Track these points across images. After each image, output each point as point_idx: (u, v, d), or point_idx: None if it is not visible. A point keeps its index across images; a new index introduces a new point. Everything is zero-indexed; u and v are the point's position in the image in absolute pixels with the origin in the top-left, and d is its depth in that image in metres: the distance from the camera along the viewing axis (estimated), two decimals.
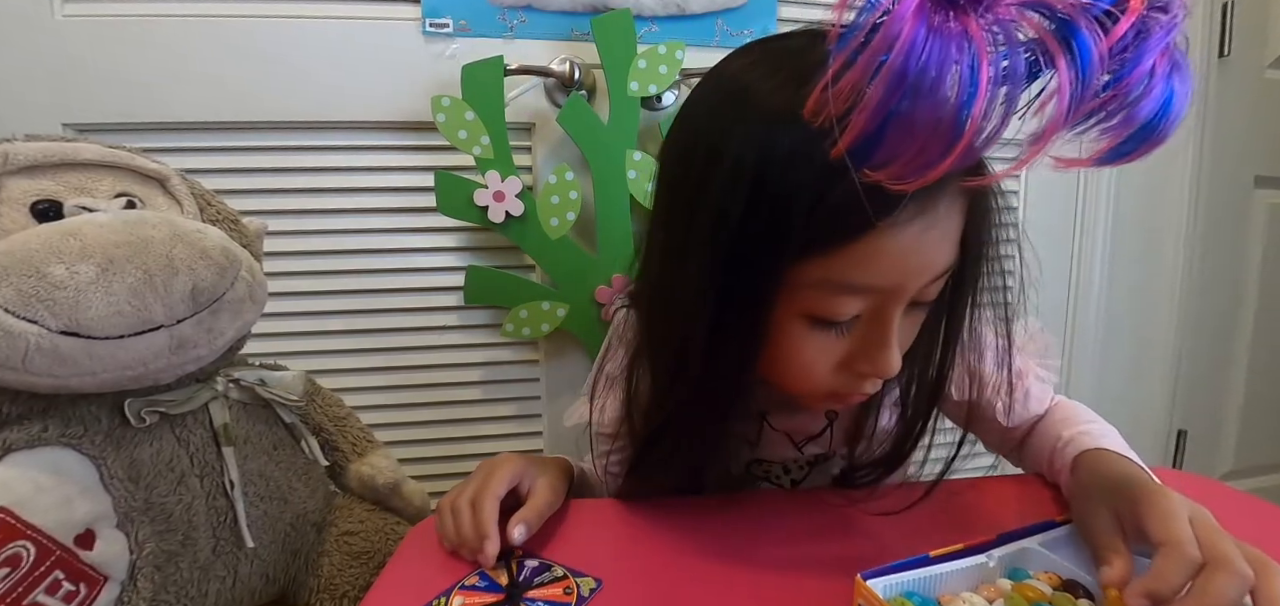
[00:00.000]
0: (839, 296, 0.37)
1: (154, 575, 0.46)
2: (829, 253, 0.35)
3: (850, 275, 0.36)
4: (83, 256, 0.40)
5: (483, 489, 0.47)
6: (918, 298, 0.39)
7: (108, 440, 0.45)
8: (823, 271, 0.36)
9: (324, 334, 0.91)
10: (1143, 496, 0.37)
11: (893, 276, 0.37)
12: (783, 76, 0.36)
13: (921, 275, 0.37)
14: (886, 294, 0.38)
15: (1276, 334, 1.33)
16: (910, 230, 0.35)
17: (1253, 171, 1.26)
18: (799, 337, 0.40)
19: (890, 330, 0.39)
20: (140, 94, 0.81)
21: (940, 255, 0.38)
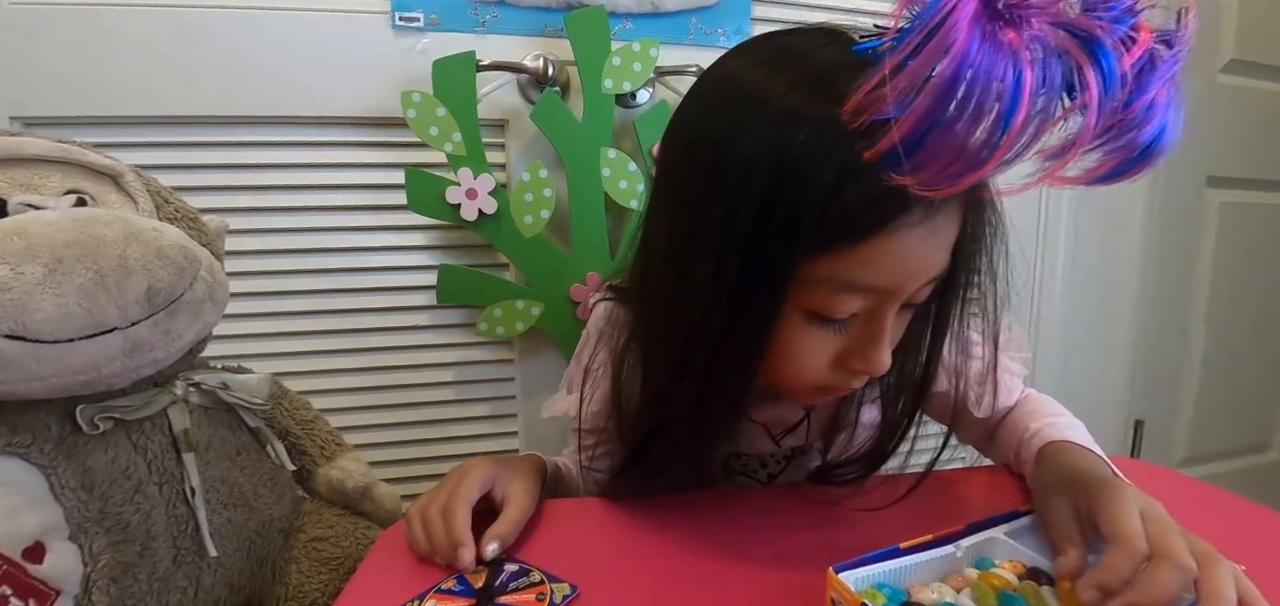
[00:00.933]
0: (842, 295, 0.38)
1: (110, 587, 0.44)
2: (837, 251, 0.36)
3: (856, 274, 0.37)
4: (28, 256, 0.39)
5: (453, 496, 0.46)
6: (911, 299, 0.41)
7: (58, 448, 0.43)
8: (829, 269, 0.37)
9: (290, 335, 0.88)
10: (1097, 490, 0.38)
11: (894, 277, 0.38)
12: (794, 76, 0.36)
13: (919, 278, 0.39)
14: (886, 294, 0.39)
15: (1228, 327, 1.39)
16: (916, 233, 0.36)
17: (1205, 172, 1.31)
18: (798, 334, 0.41)
19: (884, 329, 0.40)
20: (93, 86, 0.77)
21: (938, 260, 0.39)
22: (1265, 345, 1.46)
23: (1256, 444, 1.51)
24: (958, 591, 0.36)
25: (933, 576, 0.38)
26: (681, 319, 0.41)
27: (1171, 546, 0.33)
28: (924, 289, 0.41)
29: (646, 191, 0.89)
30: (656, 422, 0.47)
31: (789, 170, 0.35)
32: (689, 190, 0.40)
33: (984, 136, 0.27)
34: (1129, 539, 0.34)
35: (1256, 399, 1.48)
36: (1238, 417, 1.46)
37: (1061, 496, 0.41)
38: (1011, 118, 0.26)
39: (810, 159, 0.34)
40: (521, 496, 0.49)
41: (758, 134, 0.36)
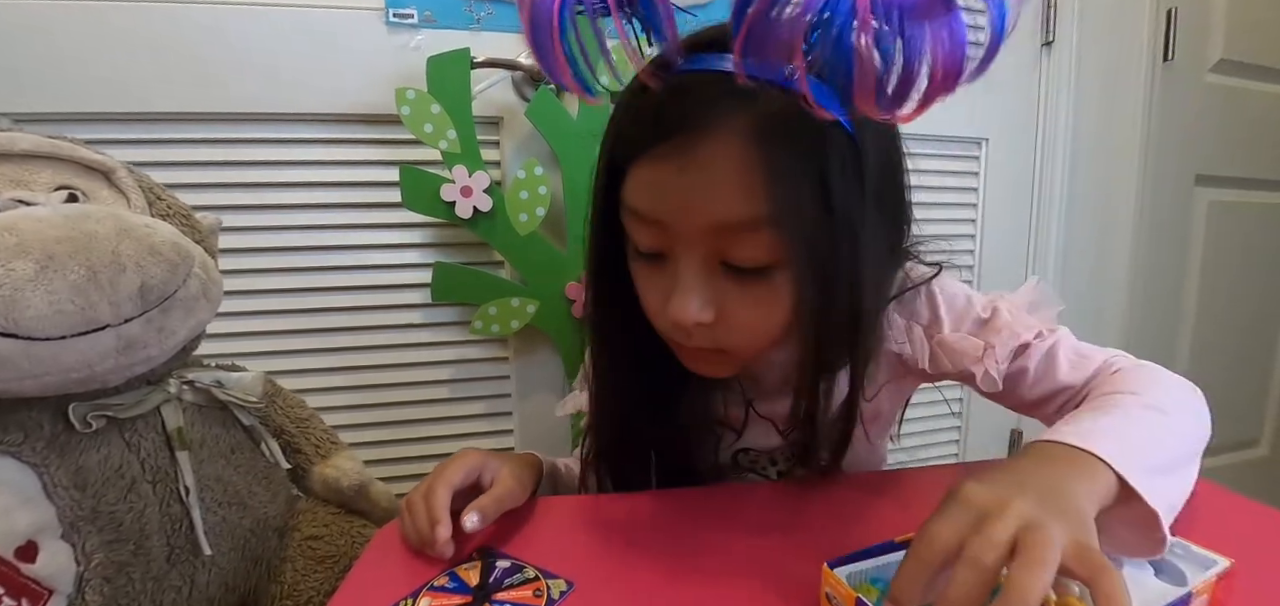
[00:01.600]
0: (631, 221, 0.43)
1: (103, 587, 0.44)
2: (622, 179, 0.42)
3: (630, 199, 0.42)
4: (19, 253, 0.38)
5: (436, 478, 0.47)
6: (724, 256, 0.41)
7: (50, 447, 0.43)
8: (625, 193, 0.42)
9: (285, 333, 0.88)
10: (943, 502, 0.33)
11: (656, 209, 0.41)
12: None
13: (685, 217, 0.40)
14: (663, 229, 0.41)
15: (1217, 325, 1.41)
16: (667, 167, 0.39)
17: (1194, 170, 1.32)
18: (635, 267, 0.45)
19: (680, 272, 0.41)
20: (84, 82, 0.77)
21: (707, 204, 0.39)
22: (1254, 342, 1.47)
23: (1245, 440, 1.53)
24: None
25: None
26: (588, 277, 0.49)
27: (970, 548, 0.28)
28: (729, 243, 0.40)
29: None
30: (602, 396, 0.52)
31: (612, 116, 0.43)
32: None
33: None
34: (916, 551, 0.30)
35: (1245, 395, 1.50)
36: (1226, 414, 1.46)
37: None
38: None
39: (618, 104, 0.43)
40: (508, 480, 0.49)
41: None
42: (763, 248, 0.40)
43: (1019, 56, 1.15)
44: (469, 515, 0.44)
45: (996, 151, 1.16)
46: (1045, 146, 1.18)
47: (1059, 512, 0.30)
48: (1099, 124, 1.21)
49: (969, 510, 0.30)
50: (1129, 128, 1.23)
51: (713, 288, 0.42)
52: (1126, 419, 0.40)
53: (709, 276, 0.41)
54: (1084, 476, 0.34)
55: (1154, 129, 1.24)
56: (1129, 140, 1.23)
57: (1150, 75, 1.21)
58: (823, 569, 0.36)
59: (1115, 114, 1.22)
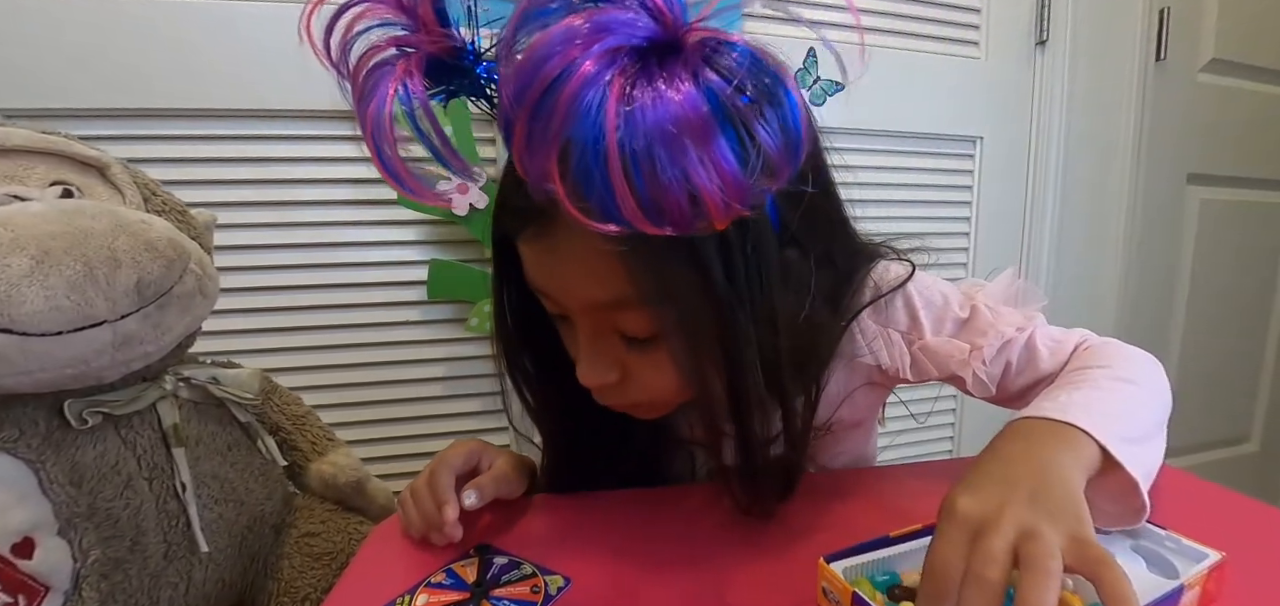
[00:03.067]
0: (536, 289, 0.42)
1: (100, 583, 0.44)
2: (513, 249, 0.41)
3: (526, 271, 0.41)
4: (15, 248, 0.38)
5: (437, 463, 0.47)
6: (617, 328, 0.40)
7: (46, 443, 0.43)
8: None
9: (281, 331, 0.88)
10: (938, 523, 0.32)
11: (540, 281, 0.41)
12: None
13: (568, 297, 0.40)
14: (553, 300, 0.41)
15: (1208, 322, 1.42)
16: (536, 249, 0.39)
17: (1186, 169, 1.33)
18: (560, 329, 0.45)
19: (582, 343, 0.41)
20: (79, 78, 0.76)
21: (580, 285, 0.39)
22: (1244, 339, 1.49)
23: (1236, 436, 1.55)
24: None
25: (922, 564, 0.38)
26: (505, 341, 0.50)
27: (972, 561, 0.28)
28: (619, 317, 0.39)
29: None
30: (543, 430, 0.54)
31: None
32: None
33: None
34: (927, 581, 0.29)
35: (1236, 392, 1.51)
36: (1217, 410, 1.49)
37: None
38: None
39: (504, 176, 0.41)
40: (505, 466, 0.49)
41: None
42: (642, 321, 0.39)
43: (1013, 55, 1.15)
44: (468, 493, 0.45)
45: (990, 150, 1.16)
46: (1039, 145, 1.19)
47: (1053, 509, 0.30)
48: (1092, 123, 1.22)
49: (964, 527, 0.30)
50: (1121, 126, 1.24)
51: (611, 353, 0.41)
52: (1100, 391, 0.41)
53: (605, 343, 0.41)
54: (1069, 448, 0.34)
55: (1146, 128, 1.25)
56: (1121, 139, 1.24)
57: (1143, 74, 1.22)
58: (819, 563, 0.36)
59: (1108, 113, 1.23)
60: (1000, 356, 0.49)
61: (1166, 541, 0.38)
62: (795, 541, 0.44)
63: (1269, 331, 1.51)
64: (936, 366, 0.49)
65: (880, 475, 0.57)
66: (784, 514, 0.49)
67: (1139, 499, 0.36)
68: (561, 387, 0.47)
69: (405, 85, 0.32)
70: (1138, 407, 0.41)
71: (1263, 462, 1.57)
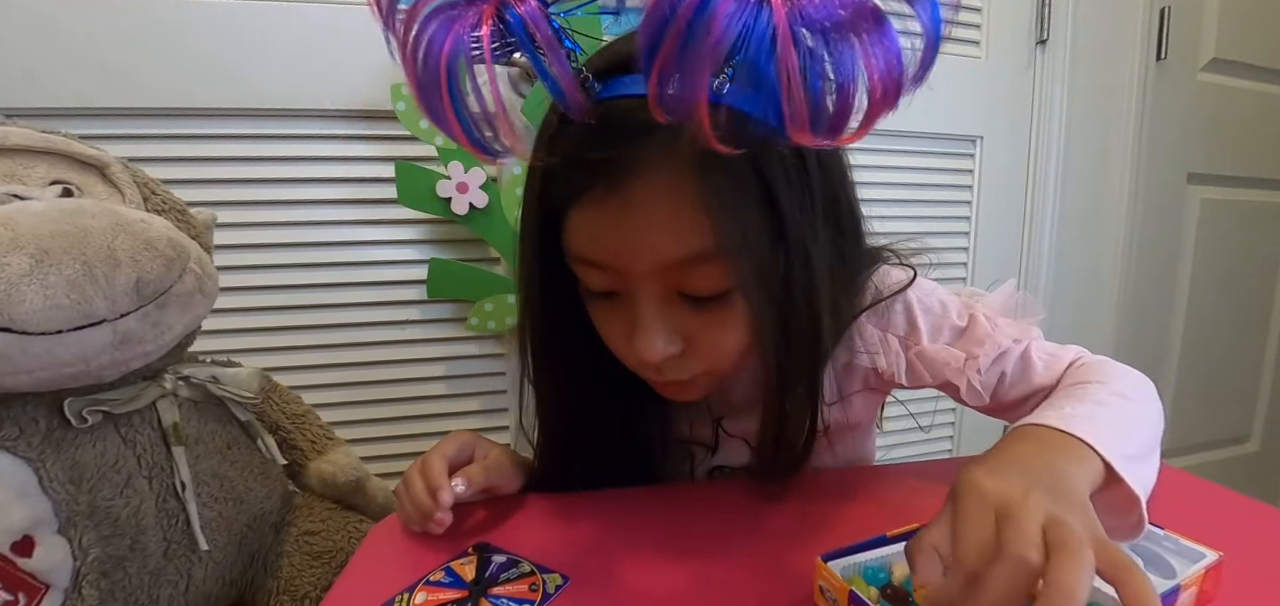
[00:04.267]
0: (579, 266, 0.41)
1: (100, 581, 0.44)
2: (561, 226, 0.40)
3: (573, 246, 0.40)
4: (14, 247, 0.38)
5: (431, 453, 0.47)
6: (682, 288, 0.39)
7: (46, 441, 0.43)
8: (566, 241, 0.40)
9: (280, 330, 0.88)
10: (954, 505, 0.31)
11: (602, 254, 0.39)
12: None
13: (638, 257, 0.38)
14: (614, 272, 0.39)
15: (1208, 321, 1.42)
16: (606, 208, 0.37)
17: (1186, 168, 1.33)
18: (591, 308, 0.43)
19: (639, 312, 0.39)
20: (79, 77, 0.76)
21: (657, 241, 0.37)
22: (1244, 339, 1.49)
23: (1236, 436, 1.55)
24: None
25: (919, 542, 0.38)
26: (529, 322, 0.47)
27: (1007, 538, 0.27)
28: (684, 275, 0.38)
29: None
30: (545, 424, 0.51)
31: (535, 165, 0.40)
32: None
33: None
34: (963, 557, 0.28)
35: (1236, 392, 1.51)
36: (1217, 410, 1.49)
37: (946, 501, 0.33)
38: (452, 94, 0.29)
39: (539, 150, 0.39)
40: (499, 455, 0.50)
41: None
42: (716, 276, 0.38)
43: (1013, 55, 1.15)
44: (457, 481, 0.45)
45: (991, 149, 1.16)
46: (1039, 144, 1.19)
47: (1072, 506, 0.29)
48: (1092, 122, 1.22)
49: (987, 505, 0.29)
50: (1122, 126, 1.24)
51: (674, 319, 0.40)
52: (1102, 406, 0.41)
53: (669, 309, 0.40)
54: (1075, 459, 0.34)
55: (1147, 127, 1.25)
56: (1122, 138, 1.24)
57: (1143, 74, 1.22)
58: (817, 562, 0.36)
59: (1108, 112, 1.23)
60: (995, 366, 0.50)
61: (1164, 541, 0.38)
62: (793, 540, 0.44)
63: (1269, 331, 1.51)
64: (931, 373, 0.49)
65: (877, 474, 0.57)
66: (782, 512, 0.49)
67: (1138, 513, 0.35)
68: (580, 382, 0.47)
69: (470, 35, 0.30)
70: (1137, 424, 0.41)
71: (1263, 462, 1.57)
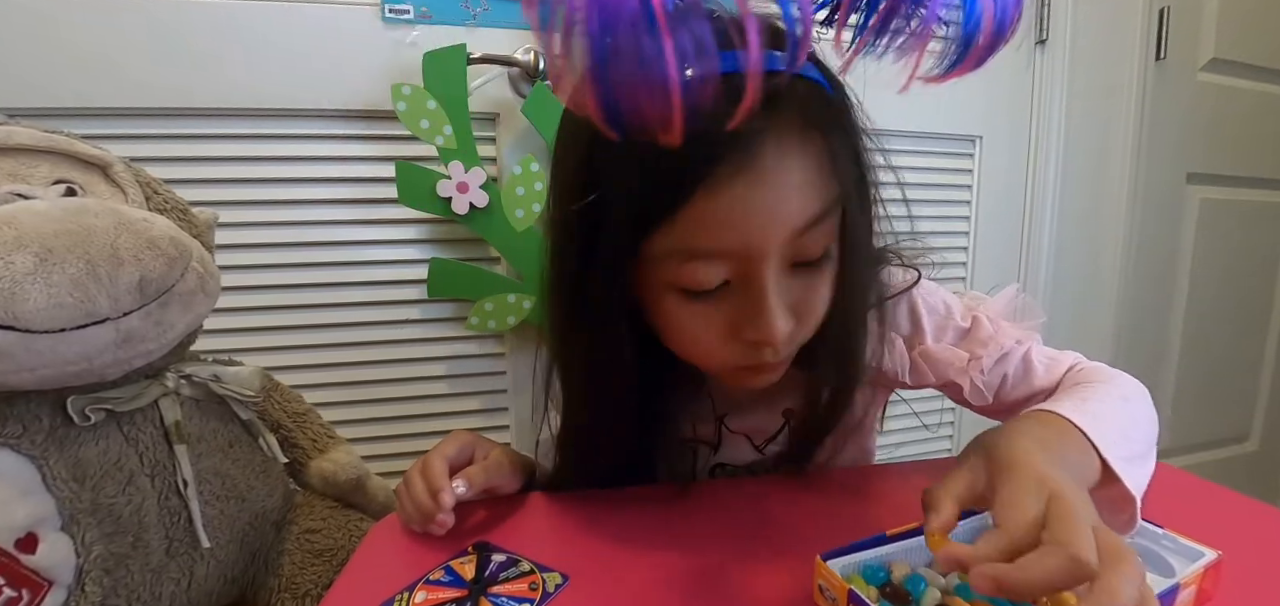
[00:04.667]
0: (693, 263, 0.37)
1: (103, 578, 0.44)
2: (665, 224, 0.36)
3: (691, 242, 0.36)
4: (18, 246, 0.38)
5: (431, 454, 0.47)
6: (798, 256, 0.38)
7: (49, 439, 0.43)
8: (667, 243, 0.37)
9: (282, 329, 0.88)
10: (1003, 469, 0.33)
11: (732, 238, 0.36)
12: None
13: (768, 233, 0.36)
14: (740, 255, 0.37)
15: (1207, 321, 1.42)
16: (735, 188, 0.35)
17: (1186, 168, 1.33)
18: (678, 311, 0.40)
19: (764, 292, 0.38)
20: (81, 77, 0.76)
21: (787, 209, 0.36)
22: (1243, 338, 1.49)
23: (1235, 435, 1.55)
24: (944, 576, 0.37)
25: (919, 561, 0.39)
26: (557, 326, 0.45)
27: (1067, 533, 0.27)
28: (804, 241, 0.38)
29: None
30: (573, 428, 0.50)
31: (604, 159, 0.36)
32: (550, 209, 0.43)
33: (654, 79, 0.25)
34: (1013, 528, 0.29)
35: (1235, 391, 1.51)
36: (1217, 409, 1.49)
37: (972, 462, 0.36)
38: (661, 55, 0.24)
39: (614, 150, 0.33)
40: (499, 455, 0.50)
41: (582, 136, 0.37)
42: (826, 235, 0.39)
43: (1013, 54, 1.15)
44: (458, 482, 0.45)
45: (990, 149, 1.16)
46: (1039, 144, 1.19)
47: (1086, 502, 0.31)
48: (1092, 121, 1.22)
49: (1044, 489, 0.30)
50: (1121, 125, 1.24)
51: (787, 293, 0.39)
52: (1104, 404, 0.41)
53: (783, 284, 0.39)
54: (1077, 449, 0.36)
55: (1146, 127, 1.25)
56: (1121, 138, 1.24)
57: (1143, 73, 1.22)
58: (816, 560, 0.37)
59: (1108, 112, 1.23)
60: (998, 367, 0.50)
61: (1163, 540, 0.38)
62: (792, 539, 0.44)
63: (1268, 330, 1.51)
64: (935, 373, 0.50)
65: (877, 474, 0.57)
66: (781, 511, 0.49)
67: (1131, 511, 0.36)
68: (619, 394, 0.45)
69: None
70: (1134, 426, 0.42)
71: (1262, 461, 1.57)
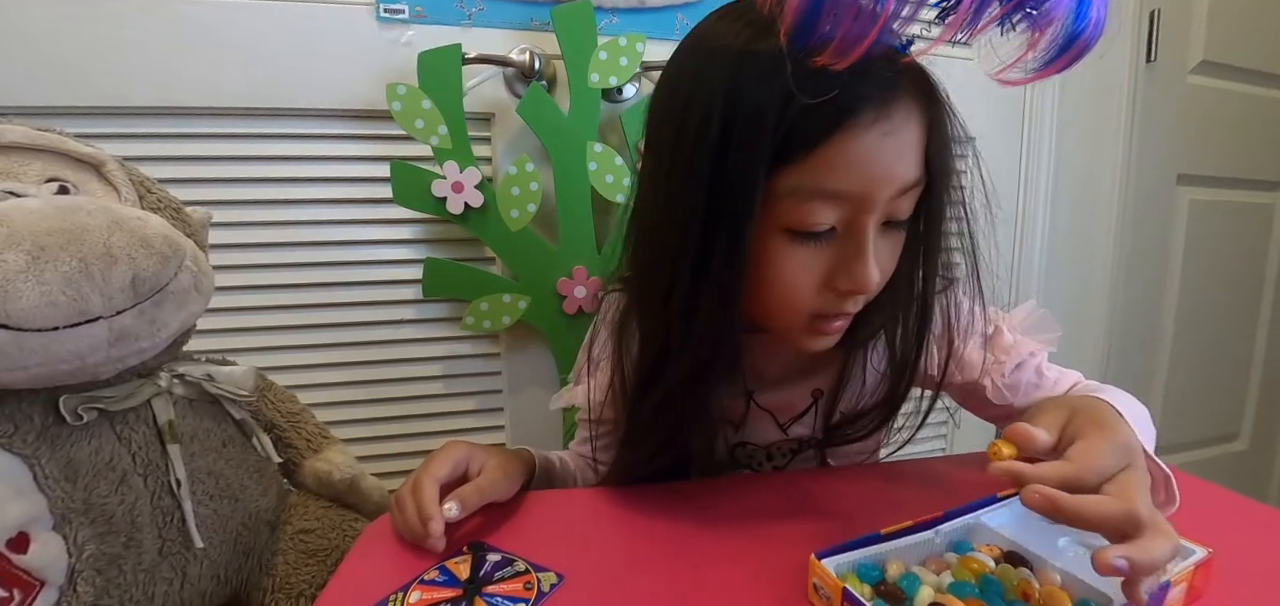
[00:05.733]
0: (813, 203, 0.40)
1: (95, 578, 0.44)
2: (800, 160, 0.38)
3: (821, 181, 0.39)
4: (11, 243, 0.38)
5: (422, 473, 0.47)
6: (890, 215, 0.42)
7: (41, 438, 0.43)
8: (796, 179, 0.39)
9: (276, 328, 0.88)
10: (1088, 424, 0.37)
11: (859, 181, 0.39)
12: (743, 20, 0.40)
13: (887, 184, 0.40)
14: (857, 201, 0.40)
15: (1197, 321, 1.43)
16: (871, 134, 0.38)
17: (1176, 170, 1.34)
18: (781, 253, 0.42)
19: (865, 241, 0.41)
20: (73, 75, 0.76)
21: (903, 165, 0.40)
22: (1233, 338, 1.50)
23: (1226, 434, 1.56)
24: (938, 574, 0.37)
25: (913, 560, 0.39)
26: (668, 263, 0.43)
27: (1130, 494, 0.32)
28: (901, 201, 0.41)
29: (634, 182, 0.89)
30: (654, 380, 0.48)
31: (744, 97, 0.38)
32: (666, 146, 0.43)
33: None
34: (1083, 469, 0.33)
35: (1225, 391, 1.53)
36: (1207, 408, 1.50)
37: (1056, 410, 0.39)
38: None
39: (758, 82, 0.37)
40: (493, 470, 0.49)
41: (716, 74, 0.39)
42: (912, 202, 0.43)
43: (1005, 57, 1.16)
44: (449, 504, 0.45)
45: (982, 150, 1.16)
46: (1031, 146, 1.19)
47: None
48: (1083, 123, 1.23)
49: (1119, 454, 0.35)
50: (1112, 127, 1.25)
51: (879, 249, 0.42)
52: (1129, 409, 0.45)
53: (876, 239, 0.42)
54: (1132, 436, 0.39)
55: (1137, 129, 1.26)
56: (1112, 140, 1.25)
57: (1133, 76, 1.23)
58: (810, 559, 0.37)
59: (1099, 114, 1.24)
60: (1016, 373, 0.53)
61: None
62: (787, 538, 0.44)
63: (1258, 330, 1.53)
64: (963, 373, 0.52)
65: (871, 472, 0.58)
66: (776, 510, 0.49)
67: (1170, 488, 0.42)
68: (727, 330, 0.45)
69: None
70: (1147, 427, 0.46)
71: (1252, 460, 1.58)
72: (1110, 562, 0.30)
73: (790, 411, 0.57)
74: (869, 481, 0.54)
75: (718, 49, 0.40)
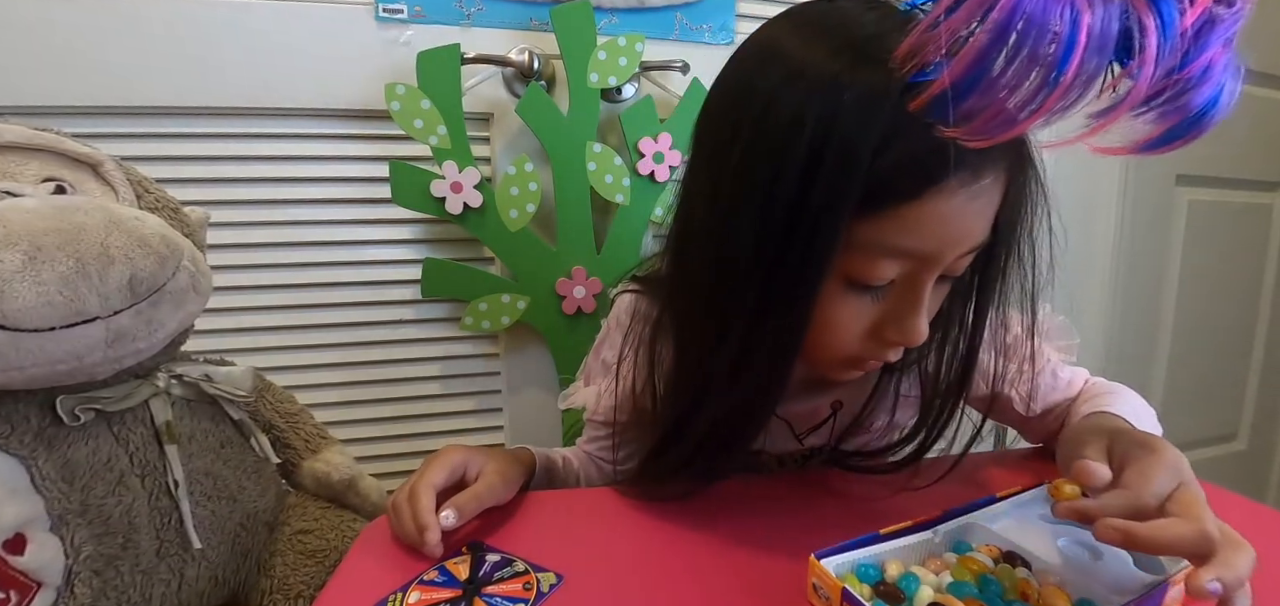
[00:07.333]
0: (882, 259, 0.38)
1: (92, 580, 0.44)
2: (881, 214, 0.36)
3: (898, 238, 0.37)
4: (7, 243, 0.38)
5: (419, 480, 0.46)
6: (948, 270, 0.40)
7: (38, 439, 0.43)
8: (875, 232, 0.37)
9: (274, 329, 0.87)
10: (1134, 448, 0.38)
11: (936, 242, 0.37)
12: (837, 42, 0.36)
13: (959, 244, 0.38)
14: (925, 260, 0.38)
15: (1196, 321, 1.43)
16: (958, 197, 0.36)
17: (1175, 170, 1.34)
18: (837, 301, 0.40)
19: (922, 298, 0.40)
20: (72, 75, 0.76)
21: (979, 227, 0.39)
22: (1232, 338, 1.50)
23: (1224, 434, 1.56)
24: (937, 574, 0.37)
25: (912, 560, 0.39)
26: (724, 289, 0.41)
27: (1196, 512, 0.32)
28: (963, 259, 0.40)
29: (633, 182, 0.89)
30: (692, 405, 0.46)
31: (834, 134, 0.34)
32: (731, 160, 0.39)
33: (1035, 85, 0.25)
34: (1144, 495, 0.34)
35: (1224, 391, 1.53)
36: (1206, 409, 1.50)
37: (1096, 440, 0.40)
38: (1064, 66, 0.25)
39: (855, 122, 0.34)
40: (491, 476, 0.49)
41: (802, 99, 0.35)
42: (972, 257, 0.41)
43: None
44: (446, 512, 0.44)
45: None
46: None
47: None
48: None
49: (1175, 476, 0.36)
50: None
51: (932, 302, 0.42)
52: (1137, 407, 0.48)
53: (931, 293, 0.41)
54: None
55: None
56: None
57: None
58: (810, 559, 0.37)
59: None
60: (1038, 378, 0.54)
61: None
62: (786, 538, 0.44)
63: (1256, 330, 1.53)
64: (986, 382, 0.52)
65: None
66: (775, 511, 0.49)
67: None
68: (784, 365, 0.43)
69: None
70: (1154, 427, 0.48)
71: (1250, 460, 1.58)
72: (1204, 587, 0.29)
73: (808, 421, 0.56)
74: (869, 482, 0.54)
75: (807, 65, 0.36)
